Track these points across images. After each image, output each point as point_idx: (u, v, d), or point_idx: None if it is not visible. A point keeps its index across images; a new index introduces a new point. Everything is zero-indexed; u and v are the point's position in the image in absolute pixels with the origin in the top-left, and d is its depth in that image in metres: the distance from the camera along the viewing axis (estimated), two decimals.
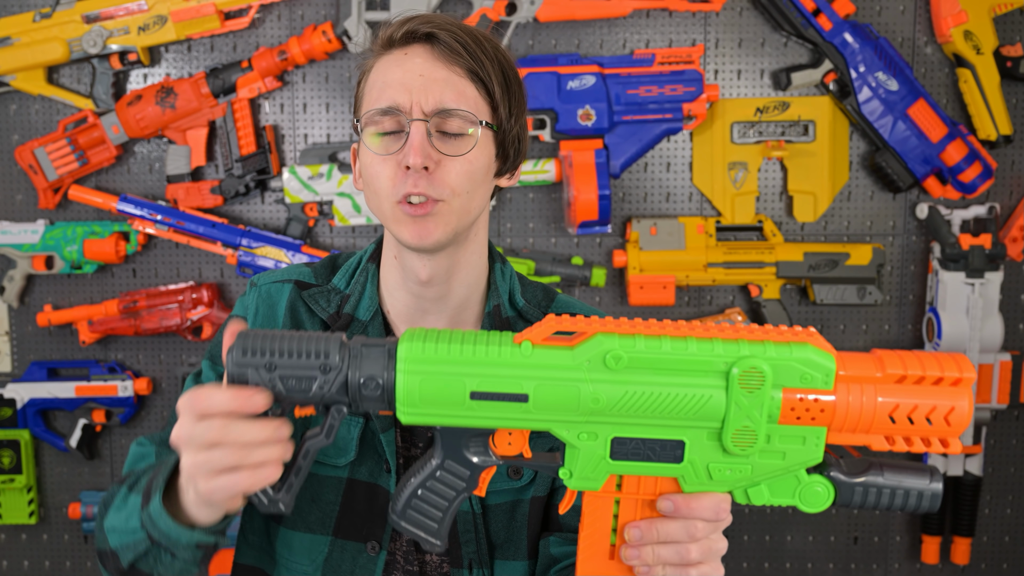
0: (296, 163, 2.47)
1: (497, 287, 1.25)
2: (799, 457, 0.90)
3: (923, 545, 2.56)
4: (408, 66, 1.15)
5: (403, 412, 0.89)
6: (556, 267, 2.45)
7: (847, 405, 0.88)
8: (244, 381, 0.88)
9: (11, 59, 2.38)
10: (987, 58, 2.38)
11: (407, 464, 1.22)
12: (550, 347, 0.89)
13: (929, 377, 0.88)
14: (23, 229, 2.45)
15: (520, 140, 1.22)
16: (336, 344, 0.89)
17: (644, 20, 2.45)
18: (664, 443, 0.90)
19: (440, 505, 0.94)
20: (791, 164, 2.47)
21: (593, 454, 0.90)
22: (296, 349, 0.88)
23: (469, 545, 1.21)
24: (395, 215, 1.14)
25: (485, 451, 0.93)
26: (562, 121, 2.36)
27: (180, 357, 2.55)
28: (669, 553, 0.92)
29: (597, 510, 0.94)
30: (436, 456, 0.93)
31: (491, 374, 0.88)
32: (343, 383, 0.88)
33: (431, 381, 0.88)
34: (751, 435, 0.88)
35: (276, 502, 0.93)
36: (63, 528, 2.62)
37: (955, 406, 0.88)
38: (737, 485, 0.91)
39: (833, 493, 0.91)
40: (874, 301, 2.47)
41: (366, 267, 1.26)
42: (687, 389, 0.87)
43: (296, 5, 2.43)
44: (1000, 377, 2.45)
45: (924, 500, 0.91)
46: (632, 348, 0.87)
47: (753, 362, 0.86)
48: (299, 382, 0.88)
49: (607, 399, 0.88)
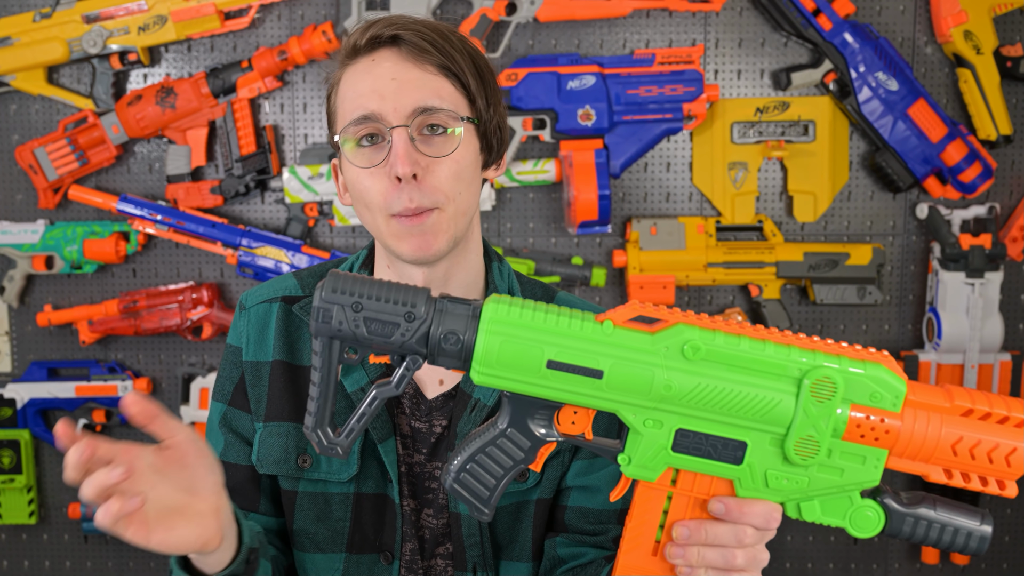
0: (296, 163, 2.47)
1: (496, 287, 1.24)
2: (857, 476, 0.90)
3: (923, 545, 2.56)
4: (378, 72, 1.12)
5: (478, 371, 0.89)
6: (556, 267, 2.45)
7: (912, 430, 0.88)
8: (329, 317, 0.89)
9: (11, 59, 2.38)
10: (987, 58, 2.38)
11: (410, 471, 1.22)
12: (631, 329, 0.89)
13: (995, 415, 0.89)
14: (23, 229, 2.45)
15: (501, 129, 1.20)
16: (424, 296, 0.90)
17: (644, 20, 2.45)
18: (727, 442, 0.90)
19: (496, 473, 0.94)
20: (791, 164, 2.47)
21: (655, 443, 0.90)
22: (385, 295, 0.89)
23: (474, 548, 1.20)
24: (392, 230, 1.13)
25: (549, 426, 0.93)
26: (562, 121, 2.36)
27: (180, 357, 2.55)
28: (715, 556, 0.92)
29: (648, 502, 0.94)
30: (501, 422, 0.94)
31: (570, 345, 0.88)
32: (424, 334, 0.89)
33: (511, 344, 0.88)
34: (814, 445, 0.88)
35: (335, 446, 0.93)
36: (63, 528, 2.62)
37: (1018, 447, 0.88)
38: (791, 496, 0.91)
39: (884, 520, 0.91)
40: (874, 301, 2.47)
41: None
42: (758, 390, 0.88)
43: (296, 5, 2.43)
44: (1000, 377, 2.45)
45: (972, 541, 0.91)
46: (711, 341, 0.88)
47: (828, 372, 0.87)
48: (382, 326, 0.89)
49: (679, 388, 0.88)
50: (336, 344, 0.91)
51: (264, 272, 2.41)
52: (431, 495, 1.22)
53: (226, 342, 1.28)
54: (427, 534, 1.22)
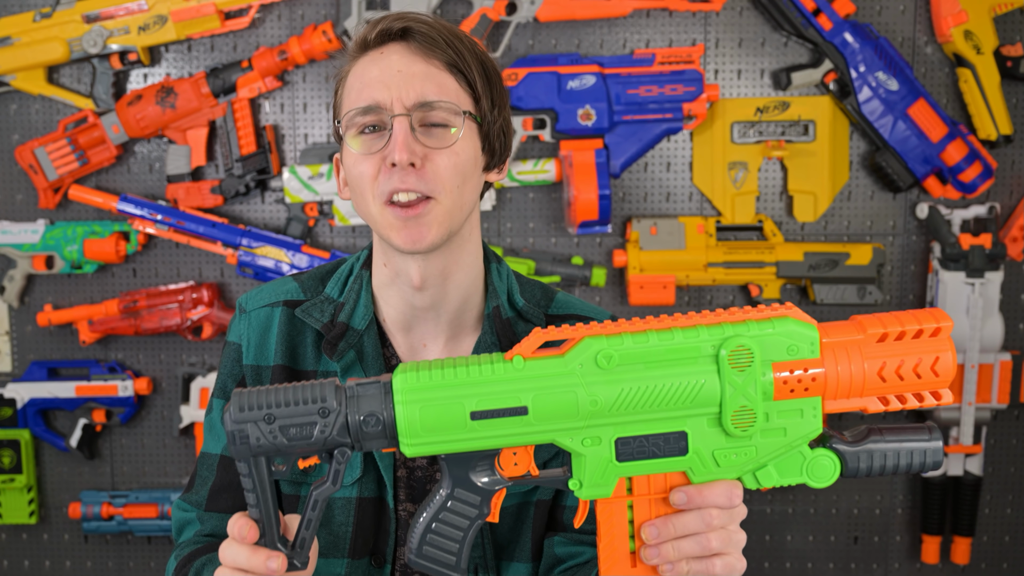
0: (296, 163, 2.47)
1: (495, 288, 1.23)
2: (800, 431, 0.91)
3: (923, 545, 2.56)
4: (385, 64, 1.13)
5: (407, 444, 0.89)
6: (556, 267, 2.45)
7: (836, 371, 0.89)
8: (246, 437, 0.89)
9: (11, 59, 2.38)
10: (987, 58, 2.38)
11: (410, 474, 1.22)
12: (541, 358, 0.90)
13: (909, 331, 0.90)
14: (23, 229, 2.45)
15: (505, 134, 1.20)
16: (331, 388, 0.90)
17: (644, 20, 2.45)
18: (667, 436, 0.90)
19: (455, 536, 0.94)
20: (791, 164, 2.47)
21: (599, 459, 0.91)
22: (292, 399, 0.89)
23: (476, 550, 1.20)
24: (385, 219, 1.12)
25: (492, 474, 0.93)
26: (562, 121, 2.36)
27: (180, 357, 2.55)
28: (690, 545, 0.92)
29: (612, 516, 0.94)
30: (444, 487, 0.94)
31: (487, 392, 0.89)
32: (343, 424, 0.89)
33: (430, 408, 0.89)
34: (750, 414, 0.89)
35: (292, 559, 0.94)
36: (63, 528, 2.62)
37: (939, 356, 0.90)
38: (745, 469, 0.92)
39: (839, 464, 0.92)
40: (874, 301, 2.47)
41: (360, 275, 1.23)
42: (680, 378, 0.88)
43: (296, 5, 2.43)
44: (1000, 377, 2.45)
45: (928, 457, 0.92)
46: (620, 345, 0.88)
47: (739, 340, 0.88)
48: (300, 429, 0.89)
49: (605, 399, 0.88)
50: (262, 460, 0.91)
51: (264, 272, 2.41)
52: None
53: (225, 340, 1.28)
54: None
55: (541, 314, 1.24)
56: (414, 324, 1.21)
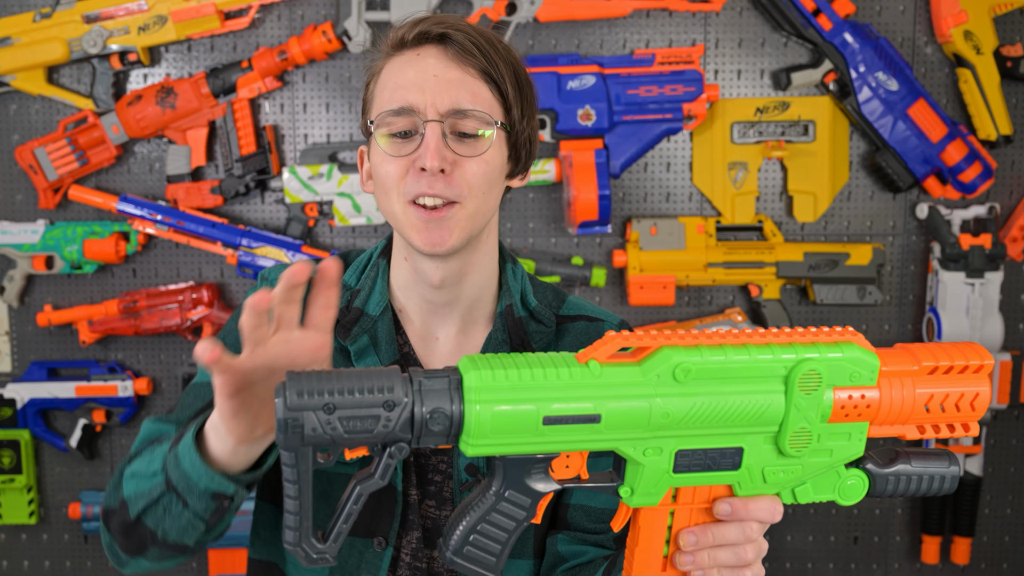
0: (296, 163, 2.47)
1: (509, 287, 1.25)
2: (844, 453, 0.92)
3: (923, 545, 2.56)
4: (421, 66, 1.14)
5: (471, 444, 0.84)
6: (556, 267, 2.45)
7: (890, 400, 0.91)
8: (299, 426, 0.80)
9: (11, 59, 2.38)
10: (987, 58, 2.39)
11: (416, 461, 1.22)
12: (617, 364, 0.88)
13: (956, 367, 0.92)
14: (23, 229, 2.45)
15: (531, 142, 1.22)
16: (399, 378, 0.83)
17: (644, 20, 2.45)
18: (724, 451, 0.90)
19: (499, 538, 0.90)
20: (791, 164, 2.47)
21: (657, 469, 0.90)
22: (357, 387, 0.82)
23: None
24: (408, 219, 1.14)
25: (545, 476, 0.90)
26: (562, 121, 2.36)
27: (180, 357, 2.55)
28: (726, 555, 0.93)
29: (653, 522, 0.94)
30: (497, 487, 0.89)
31: (563, 396, 0.85)
32: (408, 419, 0.83)
33: (503, 409, 0.84)
34: (807, 436, 0.90)
35: (323, 554, 0.87)
36: (63, 528, 2.62)
37: (979, 392, 0.93)
38: (788, 486, 0.93)
39: (868, 484, 0.94)
40: (874, 301, 2.47)
41: (376, 263, 1.26)
42: (750, 396, 0.88)
43: (296, 5, 2.43)
44: (1000, 377, 2.45)
45: (946, 483, 0.95)
46: (698, 359, 0.87)
47: (812, 364, 0.88)
48: (362, 422, 0.81)
49: (676, 412, 0.87)
50: (309, 451, 0.84)
51: None
52: (433, 487, 1.22)
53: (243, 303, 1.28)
54: (430, 524, 1.23)
55: (552, 315, 1.26)
56: (428, 316, 1.24)
